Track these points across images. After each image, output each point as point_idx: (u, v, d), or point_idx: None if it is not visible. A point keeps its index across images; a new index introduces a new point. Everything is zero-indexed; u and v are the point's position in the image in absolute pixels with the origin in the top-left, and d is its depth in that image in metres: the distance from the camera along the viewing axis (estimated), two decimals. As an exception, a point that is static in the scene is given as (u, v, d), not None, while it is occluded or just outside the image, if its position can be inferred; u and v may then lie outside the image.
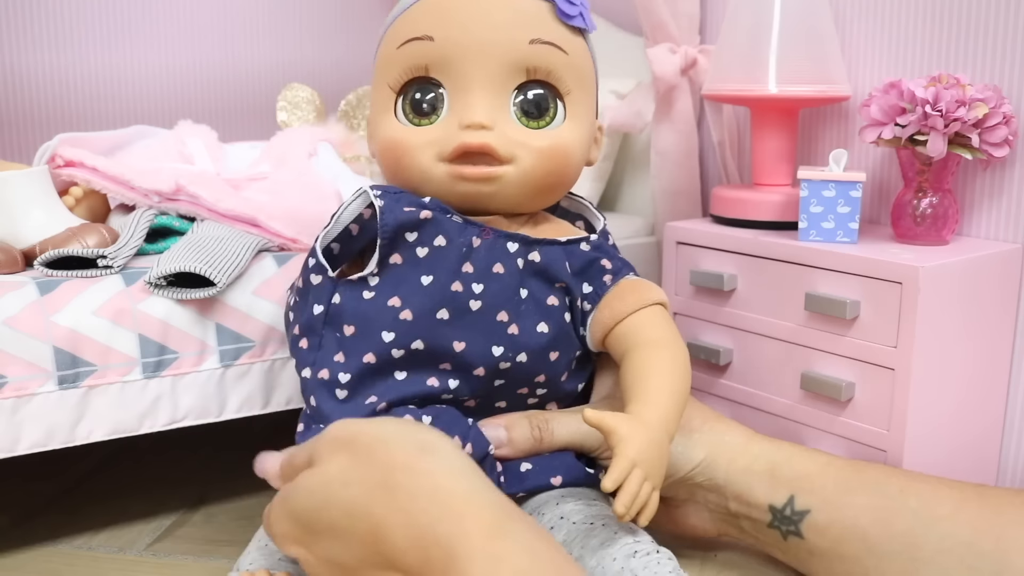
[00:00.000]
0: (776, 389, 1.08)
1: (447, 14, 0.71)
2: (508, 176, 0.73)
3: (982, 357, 1.05)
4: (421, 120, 0.73)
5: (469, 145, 0.71)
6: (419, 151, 0.73)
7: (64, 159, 1.05)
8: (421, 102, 0.73)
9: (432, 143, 0.72)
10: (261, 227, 1.01)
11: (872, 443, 0.98)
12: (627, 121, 1.36)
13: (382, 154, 0.76)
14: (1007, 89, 1.07)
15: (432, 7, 0.72)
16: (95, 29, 1.68)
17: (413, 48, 0.72)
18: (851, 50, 1.23)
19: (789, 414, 1.07)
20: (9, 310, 0.86)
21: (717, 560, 0.99)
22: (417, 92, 0.73)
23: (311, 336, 0.74)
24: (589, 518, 0.69)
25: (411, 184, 0.75)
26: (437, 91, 0.73)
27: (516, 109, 0.74)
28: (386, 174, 0.78)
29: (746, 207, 1.16)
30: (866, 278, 0.99)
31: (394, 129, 0.74)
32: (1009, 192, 1.09)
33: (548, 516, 0.71)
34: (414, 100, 0.73)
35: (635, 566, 0.63)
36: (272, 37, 1.87)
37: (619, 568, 0.63)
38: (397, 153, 0.74)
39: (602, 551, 0.65)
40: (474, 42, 0.71)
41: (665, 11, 1.32)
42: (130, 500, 1.14)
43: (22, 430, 0.87)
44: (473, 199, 0.74)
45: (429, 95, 0.73)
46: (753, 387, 1.11)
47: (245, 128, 1.84)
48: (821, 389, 1.01)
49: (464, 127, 0.71)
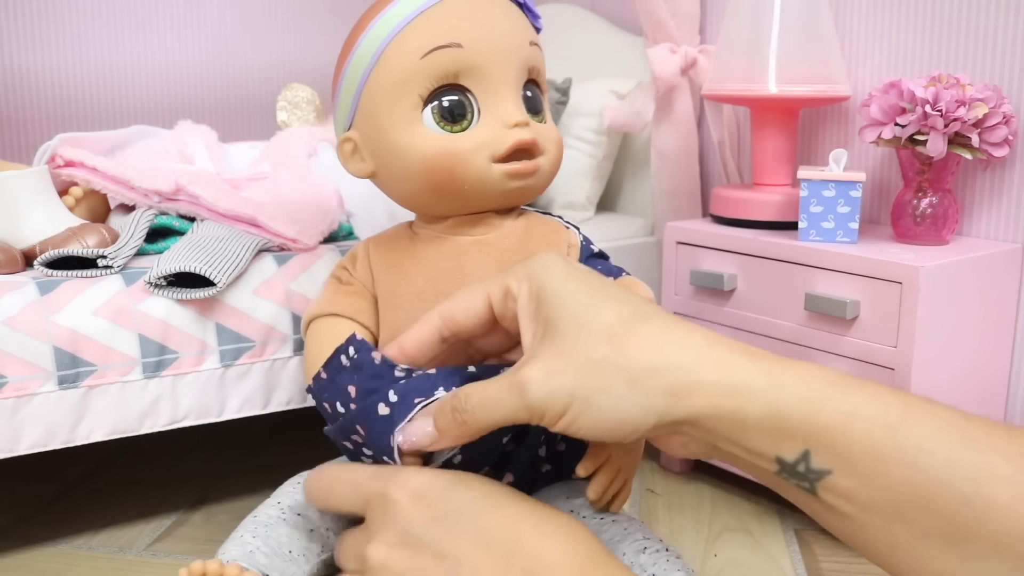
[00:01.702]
0: (776, 389, 1.08)
1: (465, 22, 0.73)
2: (543, 168, 0.76)
3: (982, 357, 1.05)
4: (454, 127, 0.73)
5: (523, 142, 0.73)
6: (473, 155, 0.72)
7: (64, 159, 1.05)
8: (453, 108, 0.73)
9: (483, 146, 0.72)
10: (261, 227, 1.01)
11: (872, 443, 0.98)
12: (627, 121, 1.36)
13: (425, 167, 0.73)
14: (1007, 89, 1.07)
15: (446, 15, 0.73)
16: (95, 29, 1.68)
17: (441, 56, 0.72)
18: (851, 50, 1.23)
19: (789, 414, 1.07)
20: (9, 310, 0.86)
21: (717, 560, 0.99)
22: (446, 98, 0.73)
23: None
24: (598, 514, 0.70)
25: (462, 192, 0.74)
26: (465, 96, 0.73)
27: (525, 106, 0.76)
28: (420, 187, 0.74)
29: (746, 207, 1.16)
30: (866, 278, 0.99)
31: (434, 139, 0.73)
32: (1009, 192, 1.09)
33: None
34: (445, 107, 0.73)
35: (644, 562, 0.64)
36: (272, 37, 1.87)
37: (628, 563, 0.64)
38: (451, 163, 0.72)
39: (612, 546, 0.65)
40: (498, 46, 0.73)
41: (665, 11, 1.32)
42: (130, 500, 1.14)
43: (22, 430, 0.87)
44: (518, 194, 0.76)
45: (458, 101, 0.73)
46: (753, 387, 1.11)
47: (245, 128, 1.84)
48: (821, 389, 1.01)
49: (511, 126, 0.73)
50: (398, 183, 0.76)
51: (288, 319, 0.96)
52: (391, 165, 0.75)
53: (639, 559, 0.64)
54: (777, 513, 1.11)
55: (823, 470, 0.55)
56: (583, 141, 1.45)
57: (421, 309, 0.68)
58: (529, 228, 0.78)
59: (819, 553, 1.01)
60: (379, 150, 0.75)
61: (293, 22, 1.89)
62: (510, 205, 0.77)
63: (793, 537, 1.05)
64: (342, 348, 0.66)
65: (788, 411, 0.55)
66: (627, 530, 0.67)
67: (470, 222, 0.76)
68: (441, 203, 0.75)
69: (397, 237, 0.79)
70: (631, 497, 1.15)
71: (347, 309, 0.76)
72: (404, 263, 0.76)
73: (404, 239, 0.78)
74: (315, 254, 1.01)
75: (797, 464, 0.56)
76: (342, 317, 0.77)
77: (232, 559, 0.65)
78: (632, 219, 1.46)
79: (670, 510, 1.12)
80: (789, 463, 0.56)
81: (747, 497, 1.15)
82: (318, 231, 1.03)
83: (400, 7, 0.73)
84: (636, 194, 1.52)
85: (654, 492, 1.18)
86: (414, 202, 0.77)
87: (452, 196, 0.74)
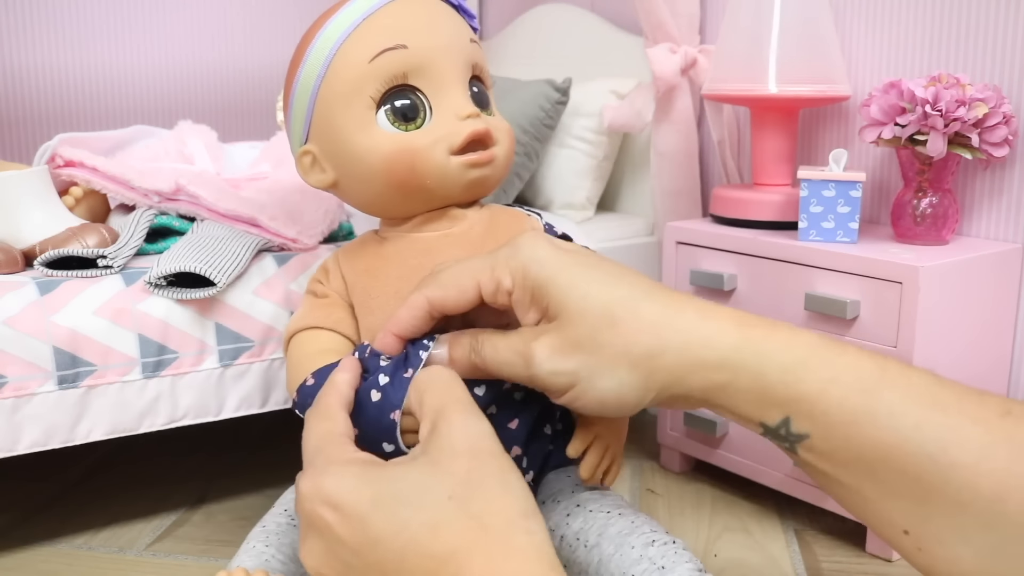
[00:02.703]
0: (776, 389, 1.08)
1: (408, 24, 0.75)
2: (498, 157, 0.77)
3: (982, 357, 1.05)
4: (408, 126, 0.75)
5: (477, 132, 0.74)
6: (431, 150, 0.74)
7: (64, 159, 1.05)
8: (406, 110, 0.75)
9: (439, 140, 0.74)
10: (261, 227, 1.01)
11: (872, 443, 0.98)
12: (627, 121, 1.36)
13: (386, 166, 0.75)
14: (1007, 89, 1.07)
15: (389, 19, 0.75)
16: (95, 29, 1.68)
17: (389, 58, 0.74)
18: (851, 50, 1.23)
19: (789, 414, 1.07)
20: (9, 310, 0.86)
21: (717, 560, 0.99)
22: (397, 100, 0.75)
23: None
24: (605, 507, 0.71)
25: (424, 187, 0.75)
26: (415, 95, 0.75)
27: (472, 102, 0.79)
28: (383, 187, 0.76)
29: (746, 207, 1.16)
30: (866, 278, 0.99)
31: (391, 139, 0.75)
32: (1009, 192, 1.09)
33: (564, 503, 0.72)
34: (398, 108, 0.75)
35: (653, 555, 0.65)
36: (272, 37, 1.87)
37: (638, 556, 0.65)
38: (411, 159, 0.74)
39: (620, 539, 0.67)
40: (442, 44, 0.76)
41: (665, 11, 1.32)
42: (130, 500, 1.14)
43: (22, 430, 0.87)
44: (479, 185, 0.77)
45: (409, 101, 0.75)
46: (753, 387, 1.11)
47: (245, 128, 1.84)
48: (821, 389, 1.01)
49: (463, 118, 0.75)
50: (360, 188, 0.77)
51: (287, 319, 0.96)
52: (352, 170, 0.77)
53: (648, 552, 0.65)
54: (777, 513, 1.11)
55: (802, 434, 0.60)
56: (583, 141, 1.45)
57: (397, 308, 0.69)
58: (493, 218, 0.79)
59: (819, 553, 1.01)
60: (339, 157, 0.77)
61: (293, 22, 1.89)
62: (471, 198, 0.79)
63: (793, 537, 1.05)
64: (335, 364, 0.69)
65: (771, 381, 0.60)
66: (635, 523, 0.68)
67: (434, 218, 0.77)
68: (405, 202, 0.76)
69: (364, 244, 0.80)
70: (630, 497, 1.15)
71: (326, 320, 0.77)
72: (376, 267, 0.77)
73: (372, 244, 0.79)
74: (315, 254, 1.01)
75: (779, 428, 0.61)
76: (322, 329, 0.77)
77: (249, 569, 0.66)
78: (632, 219, 1.46)
79: (670, 510, 1.12)
80: (771, 427, 0.61)
81: (747, 497, 1.15)
82: (318, 231, 1.03)
83: (342, 18, 0.76)
84: (636, 194, 1.52)
85: (654, 492, 1.18)
86: (377, 205, 0.79)
87: (414, 192, 0.75)
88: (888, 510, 0.58)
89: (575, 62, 1.60)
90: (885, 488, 0.58)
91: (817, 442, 0.60)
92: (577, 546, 0.68)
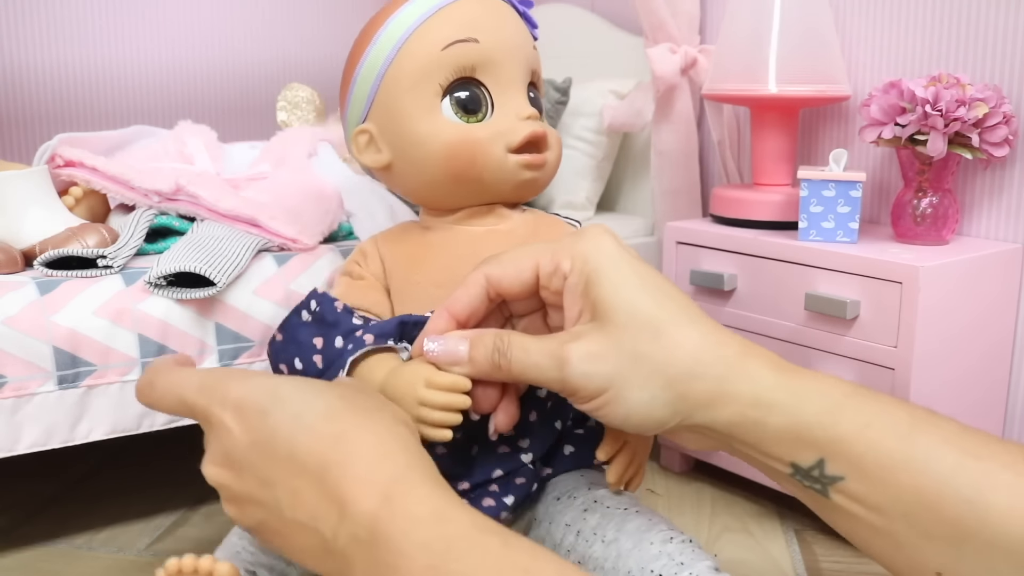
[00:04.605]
0: (776, 389, 1.08)
1: (480, 20, 0.77)
2: (549, 163, 0.79)
3: (982, 356, 1.05)
4: (470, 118, 0.76)
5: (536, 133, 0.76)
6: (491, 144, 0.75)
7: (64, 159, 1.05)
8: (469, 100, 0.76)
9: (499, 135, 0.76)
10: (261, 227, 1.01)
11: (872, 443, 0.98)
12: (627, 121, 1.36)
13: (447, 153, 0.75)
14: (1007, 89, 1.07)
15: (462, 13, 0.77)
16: (95, 28, 1.68)
17: (460, 49, 0.75)
18: (851, 50, 1.23)
19: (789, 414, 1.07)
20: (9, 310, 0.86)
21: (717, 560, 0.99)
22: (462, 91, 0.76)
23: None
24: (622, 504, 0.72)
25: (479, 179, 0.76)
26: (479, 90, 0.76)
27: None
28: (439, 175, 0.76)
29: (746, 207, 1.16)
30: (866, 278, 0.99)
31: (454, 128, 0.76)
32: (1009, 192, 1.09)
33: (581, 499, 0.73)
34: (462, 99, 0.76)
35: (672, 551, 0.66)
36: (272, 37, 1.87)
37: (656, 552, 0.66)
38: (471, 150, 0.75)
39: (639, 535, 0.68)
40: (509, 45, 0.77)
41: (665, 11, 1.32)
42: (130, 500, 1.14)
43: (22, 430, 0.87)
44: (529, 185, 0.78)
45: (474, 94, 0.76)
46: (753, 387, 1.11)
47: (245, 128, 1.84)
48: (821, 389, 1.01)
49: (524, 118, 0.76)
50: (414, 172, 0.78)
51: (288, 319, 0.96)
52: (410, 154, 0.77)
53: (666, 548, 0.66)
54: (777, 513, 1.11)
55: (836, 476, 0.60)
56: (583, 141, 1.45)
57: (438, 297, 0.71)
58: (536, 222, 0.81)
59: (819, 553, 1.01)
60: (398, 139, 0.77)
61: (293, 22, 1.89)
62: (519, 199, 0.80)
63: (793, 537, 1.05)
64: (303, 304, 0.74)
65: (808, 423, 0.60)
66: (651, 521, 0.69)
67: (481, 213, 0.78)
68: (455, 192, 0.77)
69: (406, 231, 0.81)
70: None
71: (362, 301, 0.78)
72: (418, 254, 0.78)
73: (415, 232, 0.80)
74: (315, 254, 1.01)
75: (812, 470, 0.61)
76: (358, 310, 0.78)
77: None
78: (632, 219, 1.46)
79: (670, 510, 1.12)
80: (804, 468, 0.61)
81: (747, 497, 1.15)
82: (318, 231, 1.03)
83: (418, 4, 0.77)
84: (636, 194, 1.52)
85: (654, 492, 1.18)
86: (426, 191, 0.79)
87: (468, 184, 0.76)
88: (921, 551, 0.59)
89: (575, 62, 1.60)
90: (920, 530, 0.58)
91: (852, 484, 0.60)
92: (594, 541, 0.69)
